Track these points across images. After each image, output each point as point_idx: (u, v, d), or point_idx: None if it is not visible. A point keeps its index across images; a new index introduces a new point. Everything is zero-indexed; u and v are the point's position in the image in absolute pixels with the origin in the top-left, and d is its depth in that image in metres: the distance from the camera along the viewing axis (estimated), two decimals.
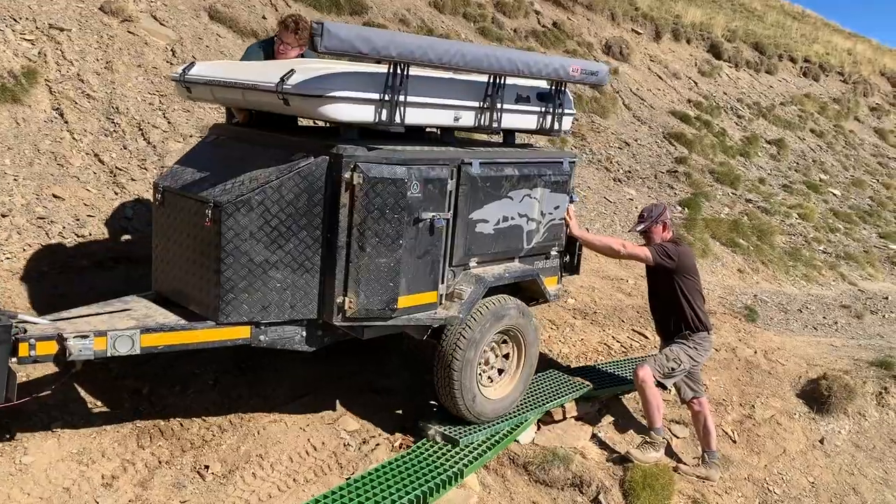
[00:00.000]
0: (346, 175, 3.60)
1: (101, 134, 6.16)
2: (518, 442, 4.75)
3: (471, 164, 4.09)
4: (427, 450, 4.30)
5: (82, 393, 4.33)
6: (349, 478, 4.08)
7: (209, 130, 4.56)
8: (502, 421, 4.62)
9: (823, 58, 22.32)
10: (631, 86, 13.85)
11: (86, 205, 5.55)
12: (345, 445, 4.38)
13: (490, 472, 4.55)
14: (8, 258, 4.89)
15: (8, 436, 3.93)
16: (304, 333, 3.90)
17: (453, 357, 4.18)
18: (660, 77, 15.23)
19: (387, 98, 3.62)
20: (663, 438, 4.98)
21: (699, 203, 10.83)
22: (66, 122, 6.06)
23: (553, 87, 4.53)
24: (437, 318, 4.10)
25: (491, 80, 4.12)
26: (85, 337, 3.41)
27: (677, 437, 5.37)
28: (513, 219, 4.42)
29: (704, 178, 11.96)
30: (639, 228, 5.05)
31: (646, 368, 4.85)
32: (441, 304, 4.15)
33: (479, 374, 4.41)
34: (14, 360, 3.35)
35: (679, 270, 4.89)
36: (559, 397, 5.05)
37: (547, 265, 4.82)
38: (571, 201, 4.84)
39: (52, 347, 3.40)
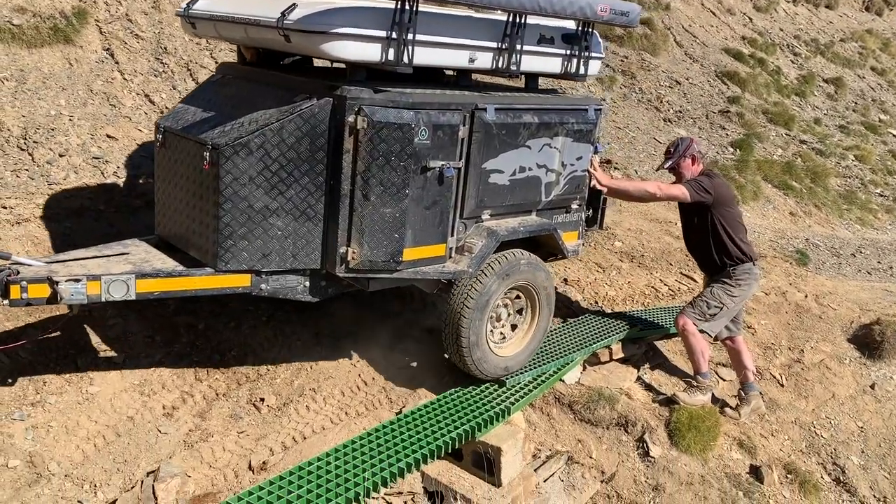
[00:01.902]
0: (350, 119, 3.44)
1: (151, 74, 6.21)
2: (563, 382, 4.80)
3: (485, 109, 3.85)
4: (474, 388, 4.37)
5: (141, 328, 4.49)
6: (399, 412, 4.19)
7: (217, 69, 4.42)
8: (549, 361, 4.66)
9: None
10: (683, 22, 13.37)
11: (138, 144, 5.65)
12: (394, 381, 4.48)
13: (536, 410, 4.62)
14: (67, 197, 5.03)
15: (76, 368, 4.12)
16: (308, 283, 3.80)
17: (462, 313, 4.03)
18: (713, 13, 14.66)
19: (394, 36, 3.40)
20: (710, 382, 4.97)
21: (751, 144, 10.53)
22: (117, 63, 6.12)
23: (580, 28, 4.23)
24: (445, 272, 3.94)
25: (510, 19, 3.85)
26: (77, 281, 3.35)
27: (723, 380, 5.36)
28: (530, 169, 4.17)
29: (757, 118, 11.59)
30: (667, 165, 4.83)
31: (685, 317, 4.80)
32: (450, 257, 3.98)
33: (490, 330, 4.26)
34: (6, 301, 3.33)
35: (717, 204, 4.73)
36: (605, 338, 5.06)
37: (567, 219, 4.58)
38: (596, 151, 4.56)
39: (44, 290, 3.35)
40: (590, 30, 4.25)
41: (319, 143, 3.53)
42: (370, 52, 3.42)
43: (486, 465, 3.86)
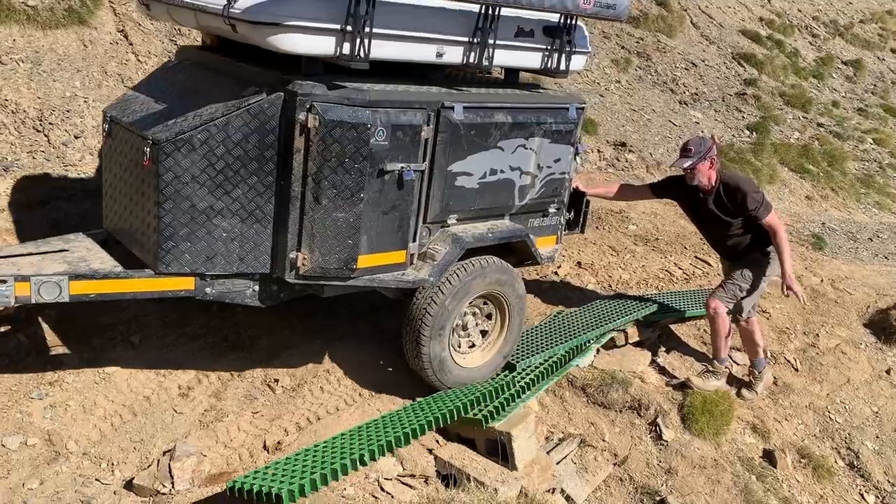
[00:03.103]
0: (301, 116, 3.21)
1: (165, 55, 6.21)
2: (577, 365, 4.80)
3: (452, 108, 3.58)
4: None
5: (156, 309, 4.52)
6: (413, 399, 4.20)
7: (176, 53, 4.21)
8: (562, 343, 4.65)
9: None
10: (699, 3, 13.20)
11: None
12: (407, 363, 4.48)
13: (549, 392, 4.62)
14: (82, 178, 5.06)
15: (92, 348, 4.16)
16: (257, 288, 3.60)
17: (422, 323, 3.83)
18: None
19: (349, 28, 3.16)
20: (725, 368, 4.96)
21: (768, 127, 10.42)
22: (131, 44, 6.13)
23: (562, 21, 3.95)
24: (404, 280, 3.71)
25: (482, 11, 3.59)
26: (3, 282, 3.15)
27: (737, 364, 5.33)
28: (502, 172, 3.92)
29: (774, 101, 11.46)
30: (685, 165, 4.54)
31: (717, 298, 4.77)
32: (411, 264, 3.75)
33: (453, 341, 4.07)
34: None
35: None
36: (618, 321, 5.04)
37: (543, 223, 4.35)
38: (577, 153, 4.33)
39: None
40: (573, 22, 4.00)
41: (269, 141, 3.31)
42: (323, 46, 3.19)
43: (500, 451, 3.87)
